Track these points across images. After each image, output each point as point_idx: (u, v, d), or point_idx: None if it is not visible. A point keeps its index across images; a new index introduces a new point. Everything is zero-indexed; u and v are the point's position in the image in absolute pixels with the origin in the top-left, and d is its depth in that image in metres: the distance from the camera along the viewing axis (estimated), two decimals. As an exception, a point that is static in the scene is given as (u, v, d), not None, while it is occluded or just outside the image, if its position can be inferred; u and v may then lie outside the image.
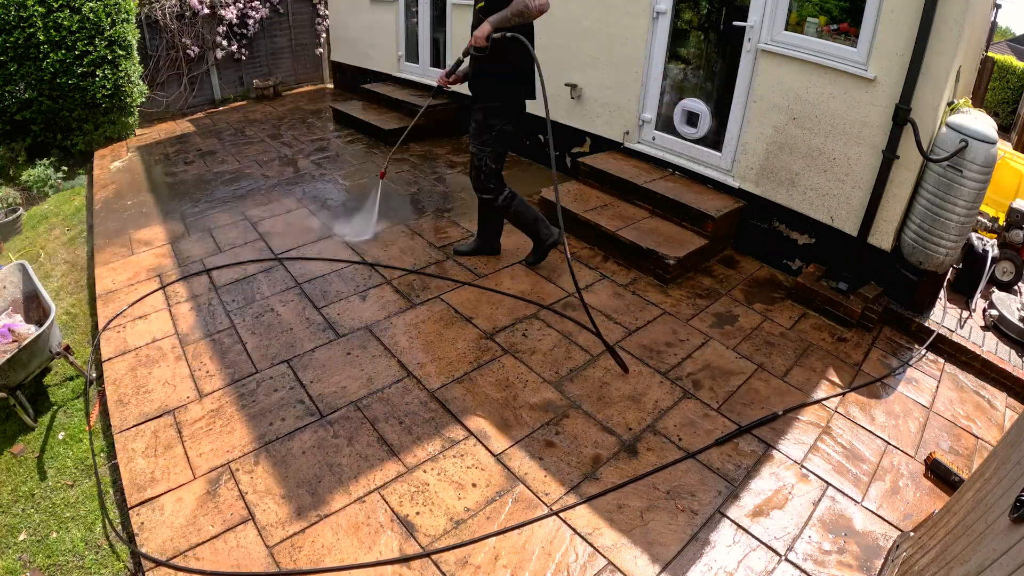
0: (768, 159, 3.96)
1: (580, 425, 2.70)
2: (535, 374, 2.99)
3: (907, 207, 3.49)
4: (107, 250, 4.07)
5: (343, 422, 2.67)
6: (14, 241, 4.65)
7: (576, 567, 2.11)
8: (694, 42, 4.44)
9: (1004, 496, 1.59)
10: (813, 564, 2.16)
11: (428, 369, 3.00)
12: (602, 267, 3.98)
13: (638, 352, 3.18)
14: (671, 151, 4.60)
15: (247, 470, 2.43)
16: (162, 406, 2.74)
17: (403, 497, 2.33)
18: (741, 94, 4.01)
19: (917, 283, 3.54)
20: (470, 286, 3.68)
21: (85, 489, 2.45)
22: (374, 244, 4.15)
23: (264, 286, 3.65)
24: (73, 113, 5.81)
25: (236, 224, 4.41)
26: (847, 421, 2.84)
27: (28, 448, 2.65)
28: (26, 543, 2.23)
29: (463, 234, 4.30)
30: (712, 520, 2.30)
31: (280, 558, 2.10)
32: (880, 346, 3.41)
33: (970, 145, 3.12)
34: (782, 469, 2.55)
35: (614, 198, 4.50)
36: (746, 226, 4.23)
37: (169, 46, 7.23)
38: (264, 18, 7.97)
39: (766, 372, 3.10)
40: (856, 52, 3.42)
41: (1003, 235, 4.10)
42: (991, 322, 3.61)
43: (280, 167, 5.54)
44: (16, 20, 5.23)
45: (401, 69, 7.03)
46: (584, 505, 2.33)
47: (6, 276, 3.12)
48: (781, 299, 3.76)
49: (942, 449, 2.74)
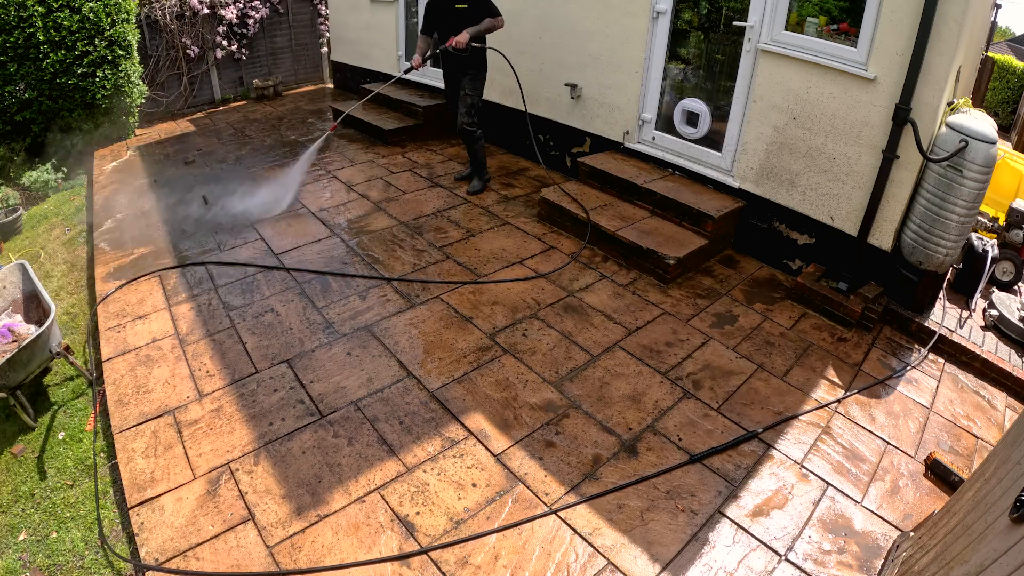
0: (768, 159, 3.96)
1: (580, 425, 2.70)
2: (535, 374, 2.99)
3: (907, 207, 3.49)
4: (107, 250, 4.07)
5: (343, 422, 2.67)
6: (14, 241, 4.65)
7: (576, 567, 2.11)
8: (694, 42, 4.44)
9: (1004, 496, 1.59)
10: (813, 564, 2.16)
11: (428, 369, 3.00)
12: (602, 267, 3.98)
13: (638, 352, 3.19)
14: (671, 151, 4.60)
15: (247, 470, 2.43)
16: (162, 406, 2.74)
17: (403, 497, 2.34)
18: (741, 94, 4.01)
19: (917, 283, 3.54)
20: (470, 285, 3.68)
21: (85, 489, 2.45)
22: (374, 244, 4.15)
23: (264, 286, 3.65)
24: (73, 113, 5.81)
25: (236, 223, 4.41)
26: (847, 421, 2.84)
27: (28, 448, 2.65)
28: (26, 543, 2.24)
29: (463, 233, 4.31)
30: (712, 520, 2.30)
31: (280, 558, 2.10)
32: (880, 346, 3.41)
33: (970, 145, 3.12)
34: (782, 469, 2.55)
35: (614, 198, 4.51)
36: (746, 226, 4.23)
37: (169, 46, 7.22)
38: (264, 18, 7.97)
39: (766, 372, 3.10)
40: (856, 52, 3.42)
41: (1003, 235, 4.10)
42: (991, 322, 3.61)
43: (280, 167, 5.53)
44: (16, 20, 5.23)
45: (401, 69, 7.03)
46: (584, 505, 2.34)
47: (6, 276, 3.12)
48: (781, 299, 3.76)
49: (942, 449, 2.74)
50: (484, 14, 4.41)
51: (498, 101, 5.82)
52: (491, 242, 4.21)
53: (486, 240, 4.23)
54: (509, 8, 5.38)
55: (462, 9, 4.37)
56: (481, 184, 5.03)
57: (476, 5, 4.39)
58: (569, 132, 5.28)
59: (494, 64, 5.75)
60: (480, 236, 4.28)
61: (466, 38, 4.29)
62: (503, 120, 5.90)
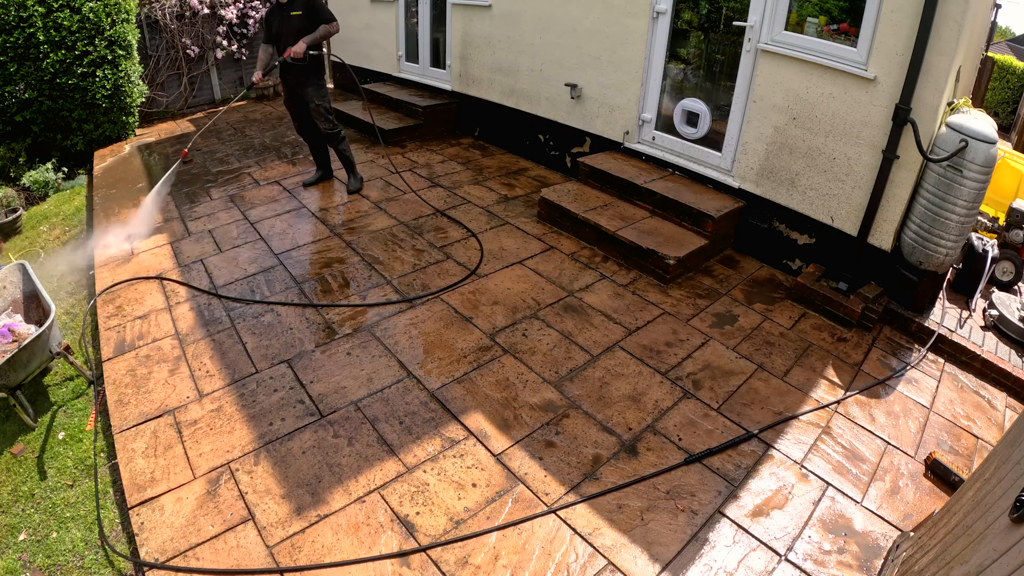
0: (768, 159, 3.96)
1: (580, 425, 2.70)
2: (535, 374, 2.99)
3: (907, 207, 3.49)
4: (107, 250, 4.07)
5: (343, 422, 2.67)
6: (14, 241, 4.65)
7: (576, 567, 2.11)
8: (694, 42, 4.44)
9: (1004, 496, 1.59)
10: (813, 564, 2.16)
11: (428, 369, 3.00)
12: (602, 267, 3.98)
13: (638, 352, 3.19)
14: (671, 151, 4.60)
15: (247, 470, 2.43)
16: (162, 406, 2.74)
17: (403, 497, 2.34)
18: (741, 94, 4.01)
19: (917, 283, 3.54)
20: (470, 285, 3.68)
21: (85, 489, 2.45)
22: (374, 244, 4.15)
23: (264, 286, 3.65)
24: (73, 113, 5.81)
25: (236, 224, 4.41)
26: (847, 421, 2.84)
27: (28, 448, 2.65)
28: (26, 543, 2.24)
29: (463, 233, 4.31)
30: (712, 520, 2.30)
31: (280, 558, 2.10)
32: (880, 346, 3.41)
33: (970, 145, 3.12)
34: (782, 469, 2.55)
35: (614, 198, 4.51)
36: (746, 226, 4.23)
37: (169, 46, 7.23)
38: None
39: (766, 372, 3.10)
40: (856, 52, 3.42)
41: (1003, 235, 4.10)
42: (991, 322, 3.61)
43: (280, 167, 5.53)
44: (16, 20, 5.23)
45: (401, 69, 7.04)
46: (584, 505, 2.33)
47: (6, 276, 3.12)
48: (781, 299, 3.76)
49: (942, 449, 2.74)
50: (319, 21, 4.35)
51: (499, 101, 5.82)
52: (491, 242, 4.21)
53: (486, 240, 4.23)
54: (509, 8, 5.39)
55: (296, 16, 4.32)
56: (357, 182, 5.02)
57: (310, 12, 4.33)
58: (569, 132, 5.28)
59: (495, 64, 5.76)
60: (481, 236, 4.28)
61: (302, 48, 4.27)
62: (503, 120, 5.90)
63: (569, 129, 5.26)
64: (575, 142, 5.28)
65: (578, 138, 5.23)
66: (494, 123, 6.08)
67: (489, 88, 5.89)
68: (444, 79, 6.50)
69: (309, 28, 4.35)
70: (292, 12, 4.33)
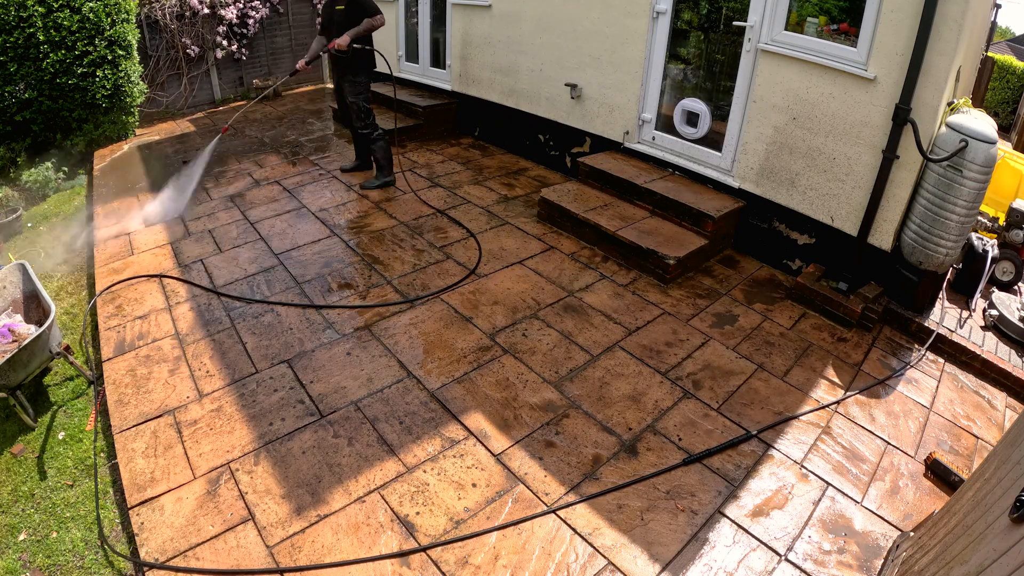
0: (768, 159, 3.96)
1: (580, 425, 2.70)
2: (535, 374, 2.99)
3: (907, 207, 3.49)
4: (107, 250, 4.07)
5: (343, 422, 2.67)
6: (14, 241, 4.65)
7: (576, 567, 2.11)
8: (694, 42, 4.44)
9: (1004, 496, 1.59)
10: (813, 564, 2.16)
11: (428, 369, 3.00)
12: (602, 267, 3.98)
13: (638, 352, 3.19)
14: (671, 151, 4.60)
15: (247, 470, 2.43)
16: (162, 406, 2.74)
17: (403, 497, 2.34)
18: (741, 94, 4.01)
19: (917, 283, 3.54)
20: (471, 285, 3.68)
21: (85, 489, 2.45)
22: (373, 244, 4.15)
23: (264, 286, 3.65)
24: (73, 113, 5.81)
25: (236, 224, 4.41)
26: (847, 421, 2.84)
27: (28, 448, 2.65)
28: (26, 543, 2.24)
29: (463, 233, 4.31)
30: (712, 520, 2.30)
31: (280, 558, 2.10)
32: (880, 346, 3.41)
33: (970, 145, 3.12)
34: (782, 469, 2.55)
35: (614, 198, 4.51)
36: (746, 226, 4.23)
37: (169, 46, 7.22)
38: (264, 18, 7.96)
39: (766, 372, 3.10)
40: (856, 52, 3.42)
41: (1003, 235, 4.10)
42: (991, 322, 3.61)
43: (280, 167, 5.53)
44: (16, 20, 5.23)
45: (401, 69, 7.03)
46: (584, 505, 2.33)
47: (6, 276, 3.12)
48: (781, 299, 3.76)
49: (942, 449, 2.74)
50: (362, 14, 4.41)
51: (499, 101, 5.82)
52: (491, 242, 4.21)
53: (486, 240, 4.23)
54: (509, 8, 5.40)
55: (340, 9, 4.46)
56: (379, 181, 5.02)
57: (353, 5, 4.42)
58: (569, 132, 5.28)
59: (495, 64, 5.76)
60: (480, 236, 4.28)
61: (346, 41, 4.35)
62: (503, 120, 5.90)
63: (569, 129, 5.26)
64: (575, 142, 5.28)
65: (578, 138, 5.23)
66: (494, 123, 6.07)
67: (489, 88, 5.89)
68: (444, 79, 6.50)
69: (354, 21, 4.42)
70: (338, 6, 4.48)
